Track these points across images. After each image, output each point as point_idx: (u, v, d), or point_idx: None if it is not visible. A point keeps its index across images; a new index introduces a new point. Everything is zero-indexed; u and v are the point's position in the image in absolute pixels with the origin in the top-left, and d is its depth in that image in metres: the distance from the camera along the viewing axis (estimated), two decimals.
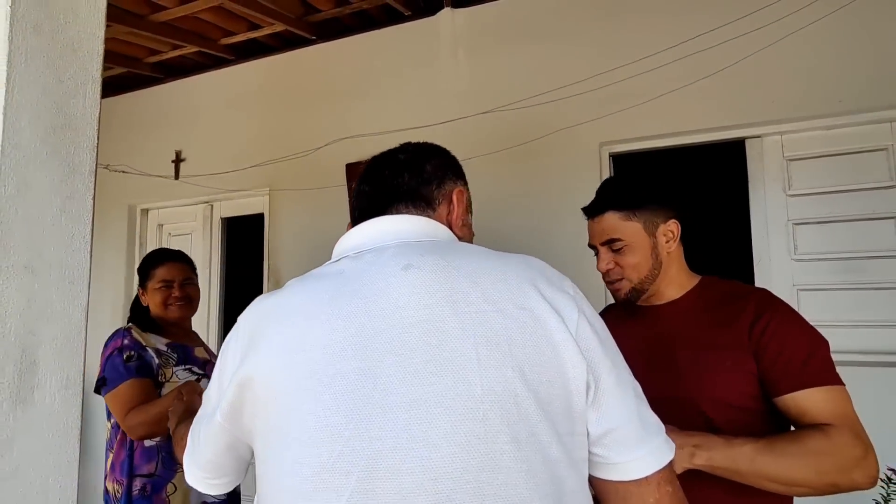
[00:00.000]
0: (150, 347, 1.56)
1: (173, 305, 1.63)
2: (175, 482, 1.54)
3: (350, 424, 0.56)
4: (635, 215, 1.02)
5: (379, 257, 0.66)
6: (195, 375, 1.59)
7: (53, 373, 0.81)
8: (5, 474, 0.74)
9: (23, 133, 0.79)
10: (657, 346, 1.02)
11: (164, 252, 1.75)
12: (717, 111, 2.00)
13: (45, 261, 0.81)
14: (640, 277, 1.02)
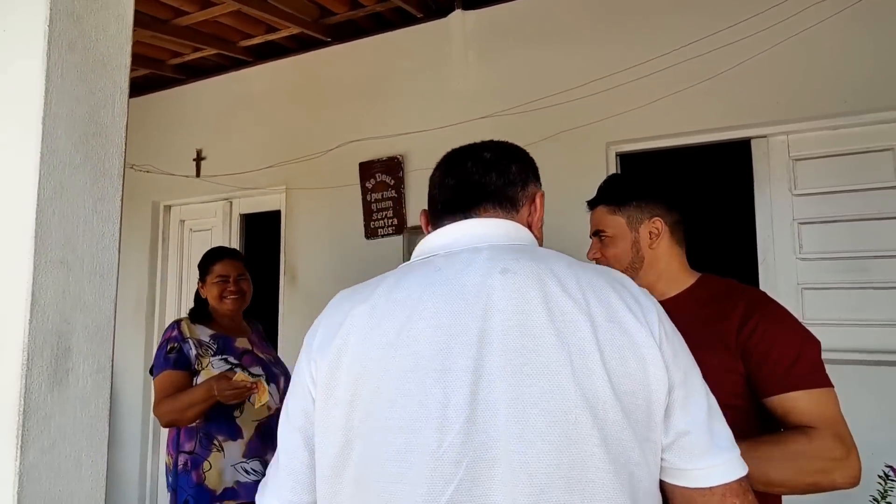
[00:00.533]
0: (192, 339, 1.75)
1: (228, 298, 1.83)
2: (210, 461, 1.70)
3: (460, 417, 0.60)
4: (620, 210, 1.10)
5: (474, 259, 0.69)
6: (228, 365, 1.73)
7: (86, 358, 0.89)
8: (44, 448, 0.83)
9: (59, 141, 0.87)
10: None
11: (221, 250, 1.95)
12: (723, 111, 2.02)
13: (77, 256, 0.89)
14: (620, 268, 1.08)
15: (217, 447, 1.70)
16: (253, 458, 1.73)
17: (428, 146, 2.52)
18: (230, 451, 1.71)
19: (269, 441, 1.77)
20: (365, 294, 0.71)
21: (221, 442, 1.71)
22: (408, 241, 2.52)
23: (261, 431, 1.76)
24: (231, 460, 1.70)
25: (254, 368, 1.78)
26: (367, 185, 2.68)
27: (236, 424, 1.73)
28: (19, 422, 0.80)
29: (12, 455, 0.80)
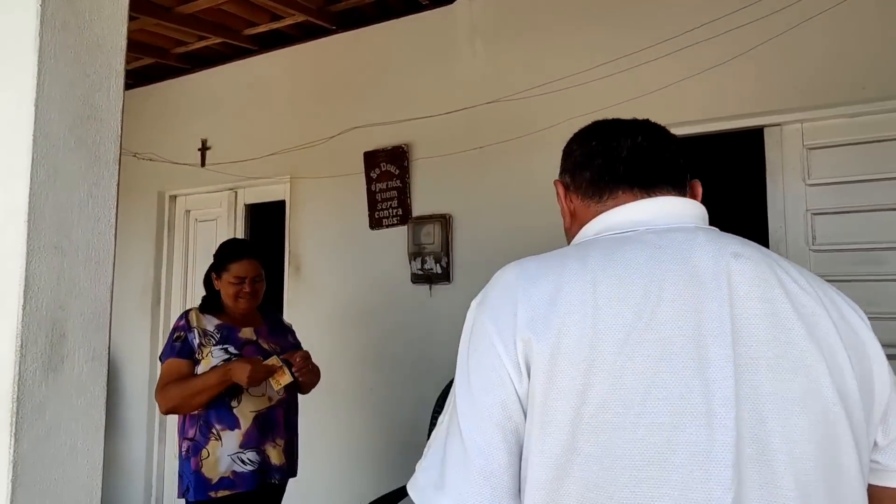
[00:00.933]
0: (198, 328, 1.77)
1: (242, 300, 1.83)
2: (209, 448, 1.70)
3: (729, 412, 0.55)
4: None
5: (693, 239, 0.63)
6: (227, 356, 1.75)
7: (81, 345, 0.88)
8: (39, 436, 0.82)
9: (52, 124, 0.86)
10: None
11: (241, 248, 1.91)
12: (735, 99, 1.98)
13: (72, 242, 0.88)
14: None
15: (215, 436, 1.72)
16: (250, 449, 1.74)
17: (433, 135, 2.50)
18: (228, 441, 1.71)
19: (267, 431, 1.77)
20: (575, 266, 0.62)
21: (219, 431, 1.72)
22: (412, 231, 2.50)
23: (259, 422, 1.76)
24: (228, 450, 1.71)
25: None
26: (371, 175, 2.65)
27: (234, 415, 1.74)
28: (13, 409, 0.79)
29: (6, 443, 0.79)
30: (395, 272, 2.55)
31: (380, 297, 2.60)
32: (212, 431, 1.72)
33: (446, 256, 2.41)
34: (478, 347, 0.62)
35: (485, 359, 0.61)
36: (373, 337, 2.60)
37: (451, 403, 0.64)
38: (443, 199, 2.48)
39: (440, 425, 0.65)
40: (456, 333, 2.52)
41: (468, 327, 0.67)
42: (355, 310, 2.66)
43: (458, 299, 2.40)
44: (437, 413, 2.19)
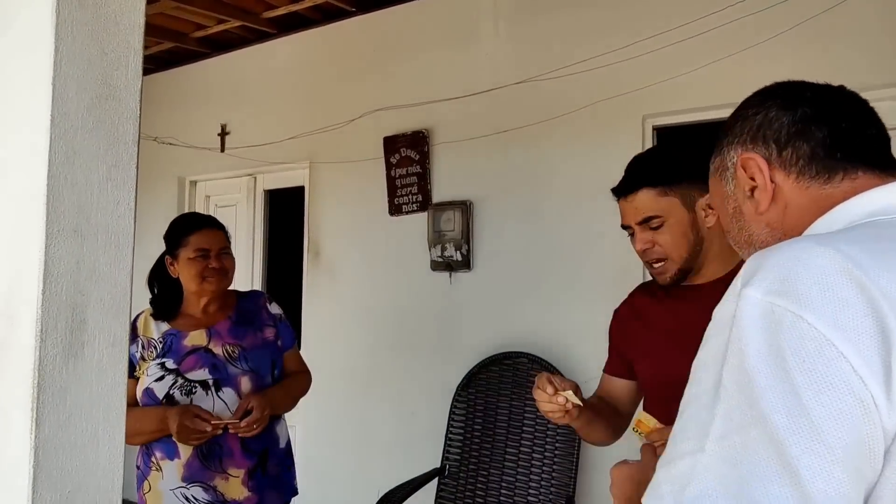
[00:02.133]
0: (142, 337, 1.49)
1: (211, 278, 1.46)
2: (150, 480, 1.43)
3: None
4: (671, 190, 0.98)
5: None
6: (162, 373, 1.43)
7: (101, 331, 0.86)
8: (60, 421, 0.81)
9: (70, 103, 0.83)
10: (693, 328, 1.00)
11: (196, 217, 1.63)
12: (774, 80, 1.88)
13: (92, 225, 0.86)
14: (682, 256, 0.99)
15: (156, 465, 1.44)
16: (193, 483, 1.41)
17: (454, 119, 2.44)
18: (168, 473, 1.42)
19: (212, 462, 1.43)
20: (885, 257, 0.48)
21: (159, 460, 1.43)
22: (432, 218, 2.46)
23: (201, 452, 1.43)
24: (170, 483, 1.42)
25: (193, 373, 1.44)
26: (391, 161, 2.61)
27: (172, 441, 1.41)
28: (34, 395, 0.78)
29: (28, 428, 0.78)
30: (415, 259, 2.52)
31: (399, 284, 2.58)
32: (152, 460, 1.44)
33: (466, 244, 2.37)
34: (810, 361, 0.44)
35: (830, 377, 0.44)
36: (392, 324, 2.58)
37: (735, 429, 0.46)
38: (463, 185, 2.44)
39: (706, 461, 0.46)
40: (476, 322, 2.47)
41: (764, 329, 0.47)
42: (374, 297, 2.65)
43: (479, 287, 2.37)
44: (459, 402, 2.17)
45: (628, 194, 1.02)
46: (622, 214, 1.05)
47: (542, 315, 2.21)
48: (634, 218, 1.01)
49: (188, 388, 1.44)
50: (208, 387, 1.44)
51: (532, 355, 2.09)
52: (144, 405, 1.45)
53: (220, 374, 1.45)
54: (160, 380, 1.43)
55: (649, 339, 1.07)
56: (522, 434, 2.00)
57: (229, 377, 1.46)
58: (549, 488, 1.90)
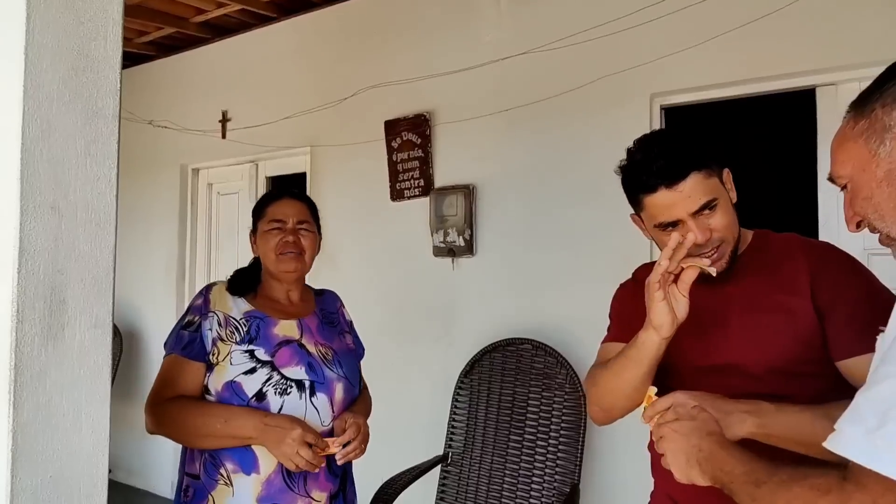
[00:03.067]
0: (218, 312, 1.21)
1: (287, 258, 1.25)
2: (214, 496, 1.16)
3: None
4: (713, 169, 0.91)
5: None
6: (252, 363, 1.17)
7: (83, 312, 0.84)
8: (40, 404, 0.78)
9: (44, 74, 0.80)
10: (711, 311, 0.95)
11: (281, 188, 1.43)
12: (787, 55, 1.81)
13: (70, 202, 0.82)
14: (735, 236, 0.93)
15: (224, 479, 1.16)
16: None
17: (456, 100, 2.39)
18: (241, 489, 1.15)
19: (297, 481, 1.18)
20: None
21: (230, 473, 1.16)
22: (435, 203, 2.42)
23: (287, 469, 1.16)
24: (241, 502, 1.16)
25: (289, 369, 1.20)
26: (392, 145, 2.57)
27: (252, 451, 1.16)
28: (11, 377, 0.75)
29: (5, 412, 0.75)
30: (417, 245, 2.49)
31: (401, 270, 2.54)
32: (220, 472, 1.17)
33: (469, 229, 2.33)
34: None
35: None
36: (394, 311, 2.55)
37: None
38: (466, 168, 2.39)
39: None
40: (479, 308, 2.42)
41: None
42: (376, 283, 2.62)
43: (482, 273, 2.33)
44: (462, 389, 2.15)
45: (678, 181, 0.88)
46: (668, 207, 0.90)
47: (547, 301, 2.17)
48: (689, 207, 0.89)
49: (283, 388, 1.17)
50: (303, 389, 1.19)
51: (536, 341, 2.05)
52: (223, 401, 1.16)
53: (317, 377, 1.22)
54: (251, 372, 1.16)
55: None
56: (526, 421, 1.97)
57: (325, 381, 1.22)
58: (553, 475, 1.87)
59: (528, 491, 1.89)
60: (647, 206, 0.93)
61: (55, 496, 0.80)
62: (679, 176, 0.88)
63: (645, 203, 0.93)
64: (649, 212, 0.94)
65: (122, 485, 3.39)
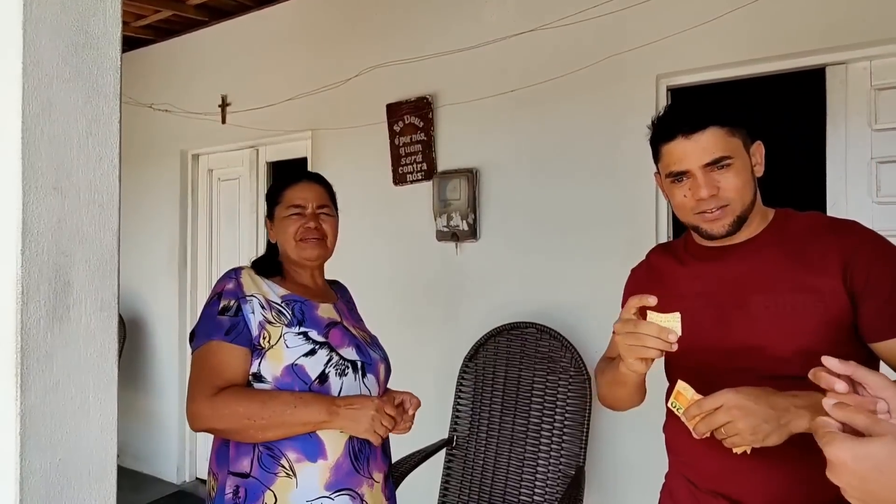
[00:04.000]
0: (257, 295, 1.15)
1: (308, 244, 1.21)
2: (275, 491, 1.09)
3: None
4: (737, 131, 0.90)
5: None
6: (310, 344, 1.13)
7: (88, 294, 0.82)
8: (47, 387, 0.77)
9: (43, 51, 0.78)
10: (729, 291, 0.93)
11: (298, 170, 1.36)
12: (796, 34, 1.78)
13: (73, 183, 0.81)
14: (744, 203, 0.90)
15: (287, 471, 1.10)
16: (339, 492, 1.12)
17: (459, 84, 2.36)
18: (306, 479, 1.10)
19: (363, 463, 1.16)
20: None
21: (294, 463, 1.10)
22: (438, 187, 2.40)
23: (354, 449, 1.14)
24: (308, 493, 1.09)
25: (345, 350, 1.17)
26: (394, 129, 2.54)
27: (316, 436, 1.11)
28: (17, 360, 0.74)
29: (13, 395, 0.74)
30: (420, 229, 2.47)
31: (404, 254, 2.53)
32: (280, 464, 1.10)
33: (473, 213, 2.31)
34: None
35: None
36: (397, 296, 2.54)
37: None
38: (469, 152, 2.36)
39: None
40: (483, 292, 2.41)
41: None
42: (379, 268, 2.60)
43: (486, 257, 2.32)
44: (466, 373, 2.14)
45: (696, 131, 0.89)
46: (680, 157, 0.90)
47: (551, 284, 2.16)
48: (700, 159, 0.89)
49: (342, 369, 1.15)
50: (357, 370, 1.17)
51: (541, 325, 2.04)
52: (283, 386, 1.10)
53: (366, 358, 1.21)
54: (311, 354, 1.12)
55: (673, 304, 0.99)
56: (531, 404, 1.97)
57: (372, 362, 1.22)
58: (558, 458, 1.87)
59: (534, 473, 1.90)
60: (663, 155, 0.94)
61: (64, 480, 0.79)
62: (698, 126, 0.88)
63: (662, 152, 0.94)
64: (664, 161, 0.94)
65: (129, 470, 3.41)
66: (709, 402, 0.79)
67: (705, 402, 0.79)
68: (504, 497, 1.93)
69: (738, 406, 0.76)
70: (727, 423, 0.76)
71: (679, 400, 0.83)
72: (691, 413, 0.80)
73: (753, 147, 0.93)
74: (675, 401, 0.83)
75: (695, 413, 0.80)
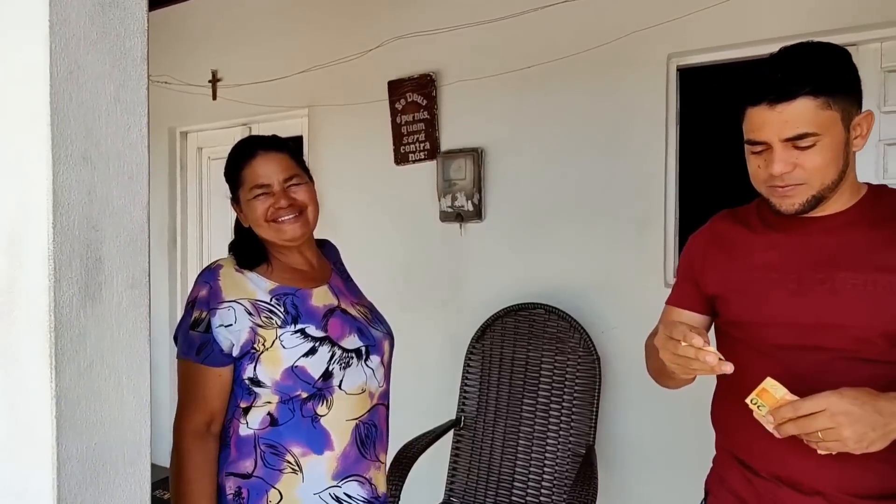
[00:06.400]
0: (241, 301, 1.04)
1: (283, 222, 1.08)
2: (280, 488, 1.05)
3: None
4: (835, 103, 0.80)
5: None
6: (309, 343, 1.05)
7: (119, 271, 0.78)
8: (81, 368, 0.73)
9: (69, 7, 0.72)
10: (812, 265, 0.87)
11: (251, 141, 1.15)
12: (807, 15, 1.78)
13: (101, 152, 0.76)
14: (824, 183, 0.83)
15: (292, 466, 1.06)
16: (348, 478, 1.09)
17: (464, 58, 2.31)
18: (312, 472, 1.07)
19: (367, 449, 1.13)
20: None
21: (298, 457, 1.06)
22: (442, 166, 2.36)
23: (360, 435, 1.11)
24: (314, 485, 1.07)
25: (347, 340, 1.10)
26: (396, 107, 2.49)
27: (321, 427, 1.07)
28: (51, 340, 0.70)
29: (47, 376, 0.70)
30: (423, 209, 2.44)
31: (407, 235, 2.50)
32: (286, 460, 1.06)
33: (478, 193, 2.29)
34: None
35: None
36: (400, 277, 2.51)
37: None
38: (475, 131, 2.33)
39: None
40: (488, 273, 2.39)
41: None
42: (381, 250, 2.57)
43: (492, 237, 2.30)
44: (473, 354, 2.14)
45: (783, 101, 0.80)
46: (761, 126, 0.83)
47: (559, 265, 2.15)
48: (783, 132, 0.81)
49: (346, 361, 1.09)
50: (361, 356, 1.11)
51: (549, 306, 2.04)
52: (283, 389, 1.05)
53: (369, 340, 1.14)
54: (311, 353, 1.04)
55: (743, 275, 0.92)
56: (540, 384, 1.98)
57: (376, 342, 1.15)
58: (568, 437, 1.88)
59: (543, 453, 1.91)
60: (746, 117, 0.86)
61: (100, 464, 0.76)
62: (786, 96, 0.80)
63: (746, 114, 0.85)
64: (746, 126, 0.86)
65: None
66: (808, 404, 0.72)
67: (804, 404, 0.73)
68: (513, 477, 1.94)
69: (845, 412, 0.71)
70: (829, 429, 0.71)
71: (763, 398, 0.75)
72: (782, 415, 0.74)
73: (859, 118, 0.84)
74: (758, 398, 0.76)
75: (789, 416, 0.73)
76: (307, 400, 1.07)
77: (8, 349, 0.73)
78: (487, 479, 1.96)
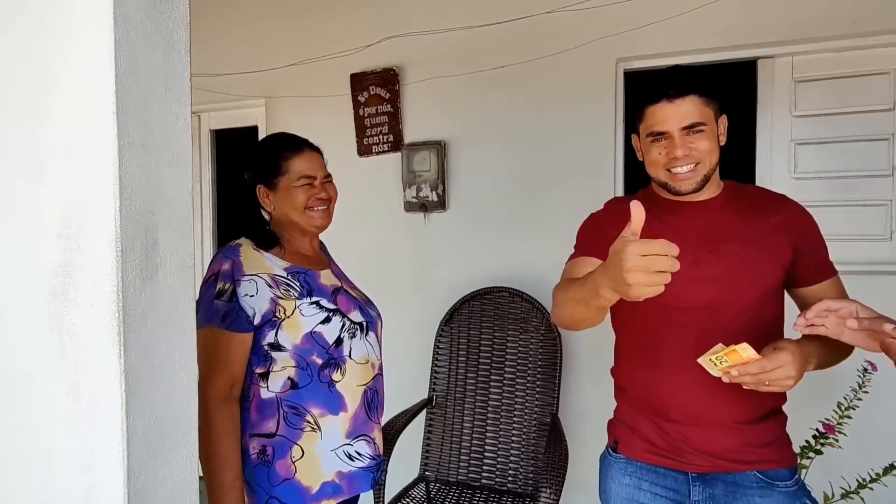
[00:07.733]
0: (262, 275, 1.17)
1: (318, 213, 1.26)
2: (302, 445, 1.17)
3: None
4: (711, 103, 1.07)
5: None
6: (324, 312, 1.20)
7: (171, 253, 0.82)
8: (141, 347, 0.77)
9: (129, 2, 0.75)
10: (702, 238, 1.09)
11: (294, 138, 1.32)
12: (736, 30, 2.04)
13: (155, 140, 0.80)
14: (711, 165, 1.07)
15: (312, 425, 1.18)
16: (357, 438, 1.23)
17: (426, 57, 2.40)
18: (330, 431, 1.20)
19: (372, 412, 1.28)
20: None
21: (317, 418, 1.19)
22: (406, 158, 2.44)
23: (367, 399, 1.26)
24: (331, 443, 1.20)
25: (353, 314, 1.26)
26: (359, 99, 2.53)
27: (337, 391, 1.21)
28: (119, 318, 0.74)
29: (116, 353, 0.74)
30: (387, 200, 2.51)
31: (372, 226, 2.56)
32: (306, 420, 1.18)
33: (442, 184, 2.39)
34: None
35: None
36: (367, 266, 2.56)
37: None
38: (437, 125, 2.43)
39: None
40: (453, 260, 2.58)
41: None
42: (346, 240, 2.60)
43: (455, 226, 2.42)
44: (442, 336, 2.25)
45: (679, 97, 1.03)
46: (662, 119, 1.04)
47: (520, 251, 2.31)
48: (680, 123, 1.03)
49: (353, 331, 1.25)
50: (363, 330, 1.28)
51: (512, 289, 2.19)
52: (302, 353, 1.18)
53: (367, 317, 1.30)
54: (327, 321, 1.19)
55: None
56: (506, 362, 2.13)
57: (372, 320, 1.32)
58: (533, 408, 2.05)
59: (511, 423, 2.07)
60: (646, 116, 1.07)
61: (160, 437, 0.80)
62: (681, 93, 1.03)
63: (646, 113, 1.07)
64: (647, 122, 1.07)
65: None
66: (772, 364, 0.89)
67: (769, 364, 0.89)
68: (484, 448, 2.08)
69: (791, 364, 0.89)
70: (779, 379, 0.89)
71: (731, 357, 0.88)
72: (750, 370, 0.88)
73: (721, 119, 1.09)
74: (726, 357, 0.89)
75: (756, 371, 0.88)
76: (323, 367, 1.20)
77: (66, 329, 0.75)
78: (460, 452, 2.09)
